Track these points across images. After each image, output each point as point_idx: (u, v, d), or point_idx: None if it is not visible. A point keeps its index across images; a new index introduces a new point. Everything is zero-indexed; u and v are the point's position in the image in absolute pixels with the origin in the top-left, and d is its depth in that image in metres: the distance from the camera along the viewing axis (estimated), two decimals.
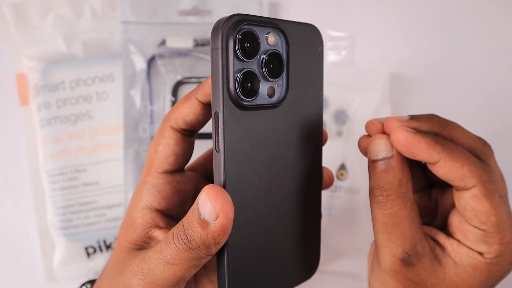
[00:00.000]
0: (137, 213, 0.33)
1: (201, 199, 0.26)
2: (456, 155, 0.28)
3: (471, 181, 0.28)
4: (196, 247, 0.27)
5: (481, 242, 0.30)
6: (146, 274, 0.29)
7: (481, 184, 0.28)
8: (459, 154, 0.29)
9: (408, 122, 0.30)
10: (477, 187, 0.28)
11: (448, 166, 0.28)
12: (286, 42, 0.30)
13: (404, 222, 0.30)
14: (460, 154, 0.29)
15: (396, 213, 0.30)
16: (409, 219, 0.30)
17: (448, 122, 0.31)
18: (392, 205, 0.30)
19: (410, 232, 0.30)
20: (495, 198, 0.29)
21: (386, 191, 0.30)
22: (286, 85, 0.31)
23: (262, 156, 0.30)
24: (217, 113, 0.27)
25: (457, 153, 0.29)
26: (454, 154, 0.28)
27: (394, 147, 0.30)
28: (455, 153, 0.29)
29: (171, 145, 0.33)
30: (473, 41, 0.58)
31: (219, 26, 0.27)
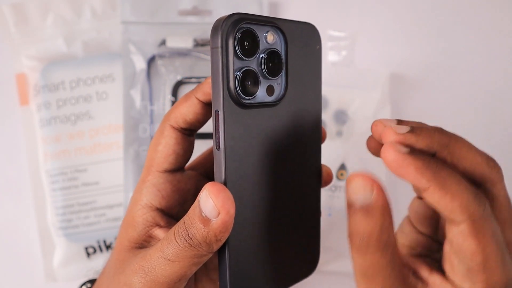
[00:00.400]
0: (137, 212, 0.33)
1: (203, 196, 0.26)
2: (448, 185, 0.25)
3: (460, 217, 0.26)
4: (198, 244, 0.27)
5: (465, 278, 0.27)
6: (147, 272, 0.29)
7: (470, 221, 0.25)
8: (451, 184, 0.26)
9: (406, 136, 0.27)
10: (465, 224, 0.26)
11: (437, 196, 0.26)
12: (285, 40, 0.30)
13: (384, 271, 0.27)
14: (453, 184, 0.26)
15: (376, 262, 0.27)
16: (390, 266, 0.27)
17: (452, 139, 0.28)
18: (372, 255, 0.27)
19: (390, 280, 0.28)
20: (485, 237, 0.26)
21: (366, 239, 0.27)
22: (285, 83, 0.31)
23: (262, 154, 0.30)
24: (217, 112, 0.27)
25: (449, 182, 0.26)
26: (445, 184, 0.25)
27: (374, 190, 0.26)
28: (447, 183, 0.25)
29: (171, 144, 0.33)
30: (473, 41, 0.58)
31: (219, 25, 0.27)
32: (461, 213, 0.25)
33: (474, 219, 0.25)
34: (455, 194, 0.25)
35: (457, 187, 0.25)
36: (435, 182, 0.25)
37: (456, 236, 0.26)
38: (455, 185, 0.26)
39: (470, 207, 0.25)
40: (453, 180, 0.26)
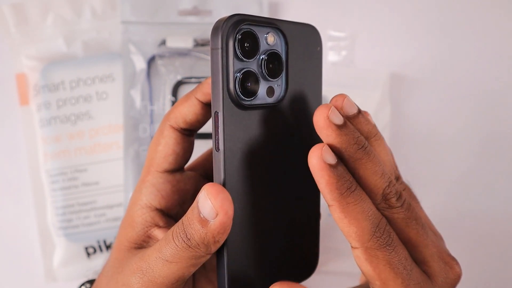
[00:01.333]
0: (136, 212, 0.33)
1: (201, 197, 0.26)
2: (349, 211, 0.26)
3: (354, 243, 0.27)
4: (196, 245, 0.27)
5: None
6: (145, 273, 0.29)
7: (363, 249, 0.26)
8: (353, 211, 0.26)
9: (337, 133, 0.26)
10: (359, 250, 0.27)
11: (337, 216, 0.26)
12: (285, 42, 0.30)
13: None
14: (355, 211, 0.26)
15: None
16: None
17: (363, 158, 0.27)
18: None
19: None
20: (379, 265, 0.26)
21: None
22: (285, 84, 0.31)
23: (261, 155, 0.30)
24: (217, 113, 0.27)
25: (352, 209, 0.26)
26: (347, 209, 0.26)
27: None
28: (350, 208, 0.26)
29: (171, 145, 0.33)
30: (474, 41, 0.58)
31: (219, 26, 0.27)
32: (355, 240, 0.26)
33: (366, 247, 0.26)
34: (354, 221, 0.26)
35: (357, 215, 0.26)
36: (338, 203, 0.26)
37: (355, 258, 0.28)
38: (356, 213, 0.26)
39: (365, 237, 0.26)
40: (356, 208, 0.26)
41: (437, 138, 0.58)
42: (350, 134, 0.27)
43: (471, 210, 0.59)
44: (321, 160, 0.26)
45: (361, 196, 0.27)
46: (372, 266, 0.27)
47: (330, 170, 0.26)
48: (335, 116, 0.27)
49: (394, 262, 0.27)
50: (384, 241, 0.26)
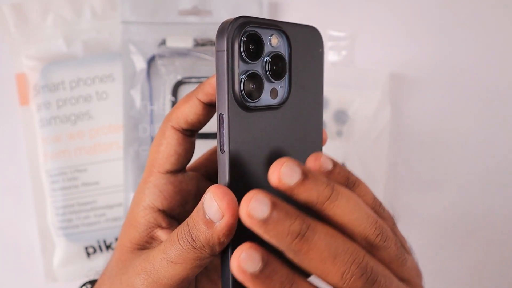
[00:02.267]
0: (139, 213, 0.33)
1: (207, 198, 0.26)
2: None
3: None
4: (201, 246, 0.27)
5: None
6: (149, 274, 0.29)
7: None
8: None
9: (263, 229, 0.23)
10: None
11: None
12: (289, 44, 0.30)
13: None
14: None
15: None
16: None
17: (301, 243, 0.24)
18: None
19: None
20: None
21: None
22: (289, 86, 0.31)
23: (265, 156, 0.30)
24: (222, 115, 0.27)
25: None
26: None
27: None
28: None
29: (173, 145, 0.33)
30: (474, 41, 0.58)
31: (224, 28, 0.27)
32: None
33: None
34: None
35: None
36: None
37: None
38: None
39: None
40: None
41: (437, 138, 0.59)
42: (279, 226, 0.23)
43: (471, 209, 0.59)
44: (242, 270, 0.23)
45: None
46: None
47: (253, 281, 0.23)
48: (259, 209, 0.23)
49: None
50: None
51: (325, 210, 0.25)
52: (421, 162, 0.58)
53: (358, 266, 0.25)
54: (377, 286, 0.25)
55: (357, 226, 0.26)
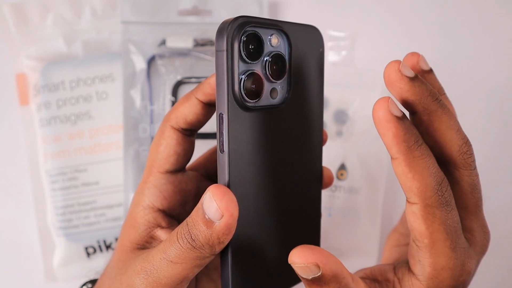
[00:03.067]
0: (139, 213, 0.33)
1: (206, 198, 0.26)
2: (415, 165, 0.26)
3: (414, 198, 0.26)
4: (200, 246, 0.27)
5: (416, 260, 0.28)
6: (149, 273, 0.29)
7: (422, 205, 0.26)
8: (419, 165, 0.26)
9: (410, 85, 0.26)
10: (417, 206, 0.26)
11: (401, 170, 0.26)
12: (289, 43, 0.30)
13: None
14: (420, 166, 0.26)
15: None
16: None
17: (438, 111, 0.27)
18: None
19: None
20: (434, 223, 0.26)
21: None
22: (289, 86, 0.31)
23: (265, 156, 0.30)
24: (222, 115, 0.27)
25: (418, 163, 0.26)
26: (413, 163, 0.26)
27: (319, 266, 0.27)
28: (415, 163, 0.26)
29: (172, 145, 0.33)
30: (474, 41, 0.58)
31: (224, 28, 0.27)
32: (416, 195, 0.26)
33: (427, 203, 0.26)
34: (417, 176, 0.26)
35: (423, 171, 0.26)
36: (404, 156, 0.25)
37: (408, 214, 0.27)
38: (422, 168, 0.26)
39: (426, 193, 0.26)
40: (422, 163, 0.26)
41: None
42: (423, 86, 0.26)
43: None
44: (388, 112, 0.25)
45: (427, 151, 0.26)
46: (427, 224, 0.26)
47: (398, 121, 0.25)
48: (406, 69, 0.26)
49: (448, 224, 0.27)
50: (444, 200, 0.26)
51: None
52: None
53: (470, 147, 0.28)
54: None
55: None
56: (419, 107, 0.26)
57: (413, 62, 0.30)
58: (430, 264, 0.28)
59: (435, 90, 0.27)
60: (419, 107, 0.27)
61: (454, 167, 0.28)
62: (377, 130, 0.26)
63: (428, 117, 0.27)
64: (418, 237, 0.27)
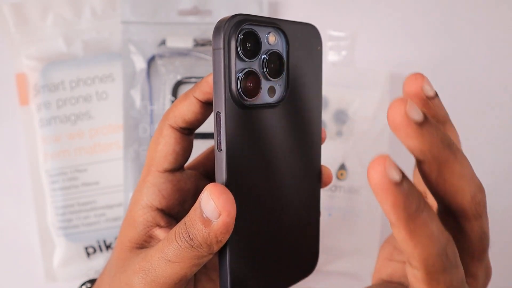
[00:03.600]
0: (137, 212, 0.33)
1: (204, 197, 0.26)
2: (417, 234, 0.23)
3: (416, 264, 0.24)
4: (198, 245, 0.27)
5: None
6: (147, 273, 0.29)
7: (425, 272, 0.24)
8: (421, 234, 0.23)
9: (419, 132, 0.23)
10: (420, 272, 0.24)
11: (401, 237, 0.23)
12: (286, 41, 0.30)
13: None
14: (422, 235, 0.23)
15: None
16: None
17: (449, 159, 0.24)
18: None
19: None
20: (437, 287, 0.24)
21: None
22: (286, 84, 0.31)
23: (263, 155, 0.30)
24: (219, 113, 0.27)
25: (420, 232, 0.23)
26: (415, 231, 0.23)
27: None
28: (417, 231, 0.23)
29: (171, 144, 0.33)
30: (474, 40, 0.58)
31: (221, 26, 0.27)
32: (419, 262, 0.24)
33: (430, 270, 0.24)
34: (419, 245, 0.23)
35: (425, 240, 0.23)
36: (404, 225, 0.23)
37: (410, 276, 0.25)
38: (424, 236, 0.23)
39: (429, 261, 0.24)
40: (425, 231, 0.23)
41: None
42: (434, 132, 0.23)
43: None
44: (385, 177, 0.22)
45: (431, 216, 0.23)
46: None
47: (396, 189, 0.22)
48: (414, 112, 0.23)
49: (453, 285, 0.25)
50: (449, 264, 0.24)
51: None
52: None
53: (484, 195, 0.25)
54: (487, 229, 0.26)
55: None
56: (428, 156, 0.24)
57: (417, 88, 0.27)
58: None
59: (447, 135, 0.24)
60: (428, 156, 0.24)
61: (464, 218, 0.26)
62: (375, 195, 0.23)
63: (438, 167, 0.24)
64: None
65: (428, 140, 0.23)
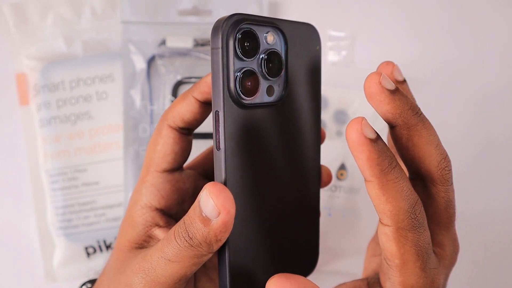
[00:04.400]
0: (136, 212, 0.33)
1: (203, 196, 0.26)
2: (388, 189, 0.25)
3: (387, 220, 0.26)
4: (198, 244, 0.27)
5: (386, 277, 0.29)
6: (147, 273, 0.29)
7: (395, 228, 0.26)
8: (392, 189, 0.25)
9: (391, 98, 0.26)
10: (390, 228, 0.26)
11: (374, 193, 0.26)
12: (285, 41, 0.30)
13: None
14: (394, 190, 0.25)
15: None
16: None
17: (418, 125, 0.27)
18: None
19: None
20: (406, 245, 0.26)
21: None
22: (285, 83, 0.31)
23: (262, 154, 0.30)
24: (218, 112, 0.27)
25: (391, 187, 0.25)
26: (387, 186, 0.25)
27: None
28: (389, 186, 0.25)
29: (170, 144, 0.33)
30: (475, 41, 0.58)
31: (219, 25, 0.27)
32: (389, 218, 0.26)
33: (399, 226, 0.26)
34: (391, 199, 0.25)
35: (396, 194, 0.25)
36: (378, 180, 0.25)
37: (381, 234, 0.27)
38: (395, 191, 0.25)
39: (399, 216, 0.26)
40: (396, 186, 0.25)
41: None
42: (404, 99, 0.26)
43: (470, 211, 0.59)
44: (361, 134, 0.24)
45: (401, 174, 0.26)
46: (398, 246, 0.27)
47: (371, 144, 0.25)
48: (387, 82, 0.26)
49: (419, 245, 0.27)
50: (417, 223, 0.26)
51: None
52: None
53: (449, 162, 0.28)
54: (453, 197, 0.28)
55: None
56: (399, 120, 0.26)
57: (387, 72, 0.30)
58: (400, 283, 0.28)
59: (415, 104, 0.27)
60: (399, 121, 0.26)
61: (431, 182, 0.28)
62: (351, 152, 0.25)
63: (408, 132, 0.27)
64: (389, 257, 0.27)
65: (399, 106, 0.26)
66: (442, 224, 0.29)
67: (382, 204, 0.26)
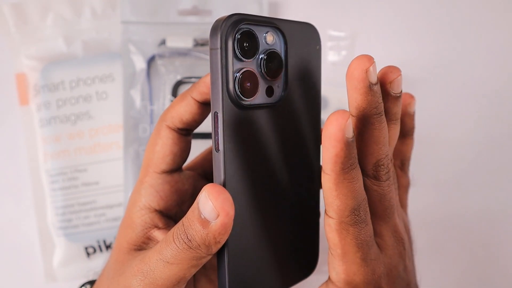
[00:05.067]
0: (135, 214, 0.33)
1: (202, 197, 0.26)
2: (342, 187, 0.26)
3: (333, 213, 0.28)
4: (197, 246, 0.27)
5: (331, 266, 0.30)
6: (146, 275, 0.29)
7: (338, 221, 0.28)
8: (346, 188, 0.27)
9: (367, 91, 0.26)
10: (334, 221, 0.28)
11: (327, 186, 0.27)
12: (285, 41, 0.30)
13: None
14: (346, 189, 0.27)
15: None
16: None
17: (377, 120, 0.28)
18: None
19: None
20: (347, 238, 0.28)
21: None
22: (285, 84, 0.31)
23: (261, 155, 0.30)
24: (217, 113, 0.27)
25: (346, 185, 0.26)
26: (341, 184, 0.26)
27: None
28: (344, 185, 0.26)
29: (169, 145, 0.33)
30: (474, 41, 0.58)
31: (218, 25, 0.27)
32: (335, 212, 0.28)
33: (342, 221, 0.28)
34: (341, 196, 0.27)
35: (347, 193, 0.27)
36: (335, 176, 0.26)
37: (325, 225, 0.29)
38: (347, 190, 0.27)
39: (345, 212, 0.27)
40: (349, 185, 0.27)
41: (437, 138, 0.58)
42: (375, 98, 0.27)
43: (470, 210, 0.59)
44: (341, 131, 0.25)
45: (358, 175, 0.27)
46: (340, 237, 0.28)
47: (345, 144, 0.25)
48: (373, 74, 0.27)
49: (360, 238, 0.28)
50: (359, 219, 0.28)
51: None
52: (420, 162, 0.58)
53: (388, 164, 0.29)
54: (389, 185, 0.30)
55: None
56: (361, 114, 0.27)
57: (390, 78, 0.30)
58: (343, 271, 0.29)
59: (382, 107, 0.28)
60: (360, 114, 0.27)
61: (366, 176, 0.29)
62: (322, 140, 0.26)
63: (362, 126, 0.28)
64: (332, 247, 0.29)
65: (369, 101, 0.27)
66: (378, 215, 0.31)
67: (332, 198, 0.27)
